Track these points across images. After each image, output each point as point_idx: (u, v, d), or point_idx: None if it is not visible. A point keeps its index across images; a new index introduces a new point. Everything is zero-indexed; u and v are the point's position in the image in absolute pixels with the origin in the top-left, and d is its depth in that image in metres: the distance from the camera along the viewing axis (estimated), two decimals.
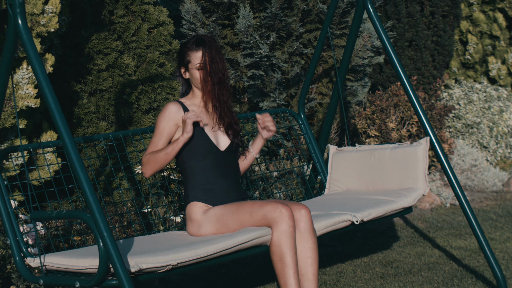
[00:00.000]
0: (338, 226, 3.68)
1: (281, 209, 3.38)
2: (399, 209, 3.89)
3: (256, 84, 5.91)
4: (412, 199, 3.93)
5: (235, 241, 3.31)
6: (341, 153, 4.35)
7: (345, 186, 4.28)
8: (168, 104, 3.64)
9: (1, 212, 3.39)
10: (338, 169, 4.32)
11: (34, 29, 3.98)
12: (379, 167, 4.14)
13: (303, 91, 4.62)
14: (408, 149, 4.06)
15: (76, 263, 3.14)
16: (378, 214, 3.79)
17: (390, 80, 7.31)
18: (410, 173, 4.03)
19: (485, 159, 6.91)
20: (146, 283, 4.15)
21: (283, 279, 3.34)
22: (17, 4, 3.02)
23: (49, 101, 2.98)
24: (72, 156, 2.93)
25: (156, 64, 4.81)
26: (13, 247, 3.37)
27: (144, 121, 4.75)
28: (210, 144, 3.62)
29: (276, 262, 3.36)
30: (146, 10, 4.81)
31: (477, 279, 4.12)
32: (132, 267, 2.98)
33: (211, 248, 3.23)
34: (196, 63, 3.63)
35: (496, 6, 7.91)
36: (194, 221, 3.55)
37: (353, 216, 3.69)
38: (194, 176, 3.61)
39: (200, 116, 3.58)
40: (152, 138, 3.63)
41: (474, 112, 7.21)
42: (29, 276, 3.30)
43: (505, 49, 7.92)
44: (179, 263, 3.11)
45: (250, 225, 3.45)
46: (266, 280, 4.28)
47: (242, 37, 5.75)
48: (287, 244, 3.35)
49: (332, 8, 4.36)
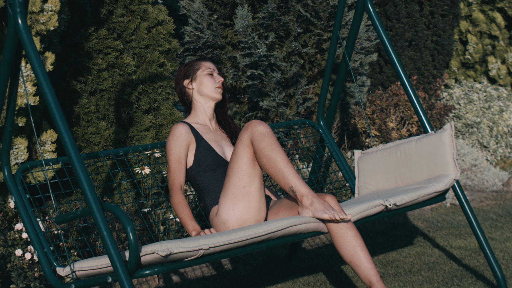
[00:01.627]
0: (371, 212, 3.58)
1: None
2: (432, 193, 3.80)
3: (255, 84, 5.91)
4: (444, 184, 3.86)
5: (267, 227, 3.22)
6: (366, 155, 4.29)
7: (374, 187, 4.21)
8: (175, 127, 3.63)
9: (26, 226, 3.39)
10: (365, 172, 4.25)
11: (33, 28, 3.98)
12: (406, 161, 4.08)
13: (320, 100, 4.54)
14: (433, 137, 4.01)
15: (105, 261, 3.12)
16: (411, 199, 3.71)
17: (390, 80, 7.31)
18: (438, 160, 3.96)
19: (485, 159, 6.91)
20: (147, 283, 4.15)
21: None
22: (17, 4, 3.02)
23: (49, 100, 2.97)
24: (72, 156, 2.93)
25: (156, 64, 4.81)
26: (41, 259, 3.36)
27: (144, 121, 4.75)
28: (218, 158, 3.63)
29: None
30: (145, 9, 4.80)
31: (477, 279, 4.12)
32: (162, 251, 2.92)
33: (243, 233, 3.15)
34: (207, 68, 3.70)
35: (495, 5, 7.91)
36: (219, 222, 3.49)
37: (386, 200, 3.63)
38: (208, 188, 3.60)
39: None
40: (171, 164, 3.60)
41: (474, 111, 7.21)
42: (60, 285, 3.29)
43: (505, 48, 7.92)
44: (210, 247, 3.03)
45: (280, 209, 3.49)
46: (266, 280, 4.28)
47: (241, 37, 5.76)
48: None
49: (340, 11, 4.33)
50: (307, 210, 3.33)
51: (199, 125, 3.71)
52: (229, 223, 3.44)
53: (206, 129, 3.72)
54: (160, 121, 4.84)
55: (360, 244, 3.33)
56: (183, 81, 3.74)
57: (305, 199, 3.33)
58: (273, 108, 5.99)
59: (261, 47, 5.71)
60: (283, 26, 5.84)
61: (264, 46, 5.72)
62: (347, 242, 3.33)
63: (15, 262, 3.76)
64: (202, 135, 3.66)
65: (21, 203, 3.42)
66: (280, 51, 5.92)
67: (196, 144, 3.62)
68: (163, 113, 4.84)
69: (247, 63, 5.83)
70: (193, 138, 3.63)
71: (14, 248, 3.78)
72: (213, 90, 3.70)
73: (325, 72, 4.46)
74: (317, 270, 4.40)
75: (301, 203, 3.34)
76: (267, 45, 5.82)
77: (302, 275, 4.30)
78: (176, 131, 3.62)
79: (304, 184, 3.35)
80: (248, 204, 3.43)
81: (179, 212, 3.52)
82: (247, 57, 5.82)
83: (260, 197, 3.45)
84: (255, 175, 3.42)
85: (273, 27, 5.80)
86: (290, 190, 3.35)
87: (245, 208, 3.43)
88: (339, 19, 4.34)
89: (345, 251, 3.33)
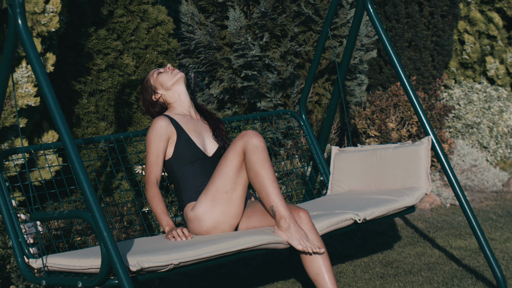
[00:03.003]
0: (340, 225, 3.67)
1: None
2: (402, 208, 3.88)
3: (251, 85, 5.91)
4: (415, 198, 3.92)
5: (239, 242, 3.30)
6: (343, 153, 4.34)
7: (347, 186, 4.27)
8: (156, 120, 3.63)
9: (3, 213, 3.39)
10: (340, 170, 4.31)
11: (34, 29, 3.98)
12: (382, 167, 4.13)
13: (304, 91, 4.61)
14: (410, 148, 4.05)
15: (78, 263, 3.13)
16: (381, 213, 3.78)
17: (390, 80, 7.31)
18: (412, 172, 4.02)
19: (485, 159, 6.90)
20: (146, 283, 4.15)
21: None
22: (17, 4, 3.02)
23: (49, 101, 2.97)
24: (72, 156, 2.92)
25: (155, 64, 4.81)
26: (15, 248, 3.36)
27: (143, 121, 4.75)
28: (198, 151, 3.64)
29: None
30: (145, 9, 4.80)
31: (477, 279, 4.12)
32: (133, 266, 2.97)
33: (213, 248, 3.21)
34: (154, 73, 3.77)
35: (494, 6, 7.91)
36: (193, 218, 3.53)
37: (356, 215, 3.68)
38: (186, 182, 3.62)
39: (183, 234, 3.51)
40: (149, 158, 3.61)
41: (474, 112, 7.21)
42: (31, 277, 3.30)
43: (504, 48, 7.92)
44: (180, 262, 3.10)
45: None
46: (266, 280, 4.28)
47: (234, 39, 5.76)
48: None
49: (332, 9, 4.36)
50: (283, 233, 3.42)
51: (179, 116, 3.73)
52: (204, 223, 3.49)
53: (187, 118, 3.73)
54: None
55: (326, 264, 3.42)
56: (151, 99, 3.80)
57: (283, 221, 3.41)
58: (270, 109, 5.99)
59: (254, 48, 5.72)
60: (279, 26, 5.83)
61: (257, 47, 5.72)
62: (314, 260, 3.42)
63: (14, 264, 3.76)
64: (182, 125, 3.67)
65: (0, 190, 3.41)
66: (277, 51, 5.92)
67: (177, 137, 3.64)
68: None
69: (241, 64, 5.83)
70: (174, 131, 3.64)
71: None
72: (170, 77, 3.74)
73: (311, 67, 4.52)
74: None
75: (279, 224, 3.42)
76: (261, 46, 5.82)
77: (302, 275, 4.30)
78: (156, 124, 3.63)
79: (285, 205, 3.42)
80: (227, 209, 3.48)
81: (154, 206, 3.55)
82: (241, 58, 5.82)
83: (240, 204, 3.51)
84: (239, 183, 3.48)
85: (268, 27, 5.79)
86: (270, 209, 3.43)
87: (223, 212, 3.48)
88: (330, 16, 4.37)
89: (310, 269, 3.42)
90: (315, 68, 4.54)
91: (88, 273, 3.13)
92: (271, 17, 5.73)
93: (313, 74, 4.56)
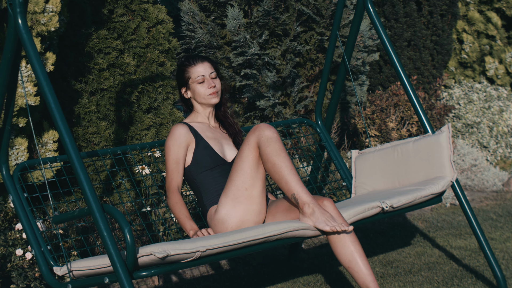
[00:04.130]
0: (367, 214, 3.58)
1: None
2: (428, 195, 3.80)
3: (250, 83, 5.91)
4: (441, 186, 3.86)
5: (265, 230, 3.22)
6: (363, 155, 4.30)
7: (371, 187, 4.22)
8: (175, 128, 3.62)
9: (24, 224, 3.38)
10: (363, 172, 4.25)
11: (34, 28, 3.98)
12: (404, 161, 4.08)
13: (319, 98, 4.53)
14: (430, 138, 4.00)
15: (102, 262, 3.12)
16: (408, 201, 3.71)
17: (389, 80, 7.31)
18: (435, 162, 3.96)
19: (485, 159, 6.90)
20: (147, 283, 4.15)
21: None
22: (17, 4, 3.02)
23: (49, 100, 2.97)
24: (73, 156, 2.92)
25: (156, 63, 4.81)
26: (38, 258, 3.35)
27: (144, 120, 4.75)
28: (217, 157, 3.62)
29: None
30: (146, 9, 4.81)
31: (477, 279, 4.12)
32: (159, 253, 2.92)
33: (240, 235, 3.15)
34: (197, 77, 3.66)
35: (493, 5, 7.91)
36: (217, 221, 3.48)
37: (383, 202, 3.62)
38: (206, 187, 3.60)
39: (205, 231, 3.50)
40: (169, 165, 3.59)
41: (474, 112, 7.21)
42: (56, 285, 3.28)
43: (503, 48, 7.92)
44: (207, 249, 3.04)
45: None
46: (266, 280, 4.28)
47: (233, 37, 5.76)
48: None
49: (339, 11, 4.33)
50: (308, 219, 3.34)
51: (198, 124, 3.71)
52: (228, 224, 3.44)
53: (205, 126, 3.72)
54: (160, 121, 4.84)
55: (358, 250, 3.35)
56: (180, 88, 3.75)
57: (307, 207, 3.34)
58: (269, 107, 5.99)
59: (253, 46, 5.71)
60: (280, 25, 5.83)
61: (256, 45, 5.72)
62: (345, 247, 3.34)
63: (15, 262, 3.76)
64: (201, 133, 3.66)
65: (18, 201, 3.41)
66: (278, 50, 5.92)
67: (196, 144, 3.62)
68: (163, 113, 4.84)
69: (240, 62, 5.83)
70: (193, 138, 3.63)
71: (14, 248, 3.78)
72: (206, 98, 3.69)
73: (323, 71, 4.47)
74: (317, 270, 4.40)
75: (303, 211, 3.35)
76: (260, 44, 5.82)
77: (302, 275, 4.30)
78: (175, 132, 3.61)
79: (306, 191, 3.36)
80: (249, 206, 3.43)
81: (176, 212, 3.52)
82: (240, 56, 5.82)
83: (261, 200, 3.46)
84: (258, 178, 3.43)
85: (270, 26, 5.79)
86: (292, 197, 3.36)
87: (246, 210, 3.43)
88: (338, 18, 4.34)
89: (343, 256, 3.35)
90: (327, 72, 4.48)
91: (112, 271, 3.11)
92: (274, 16, 5.73)
93: (326, 79, 4.50)
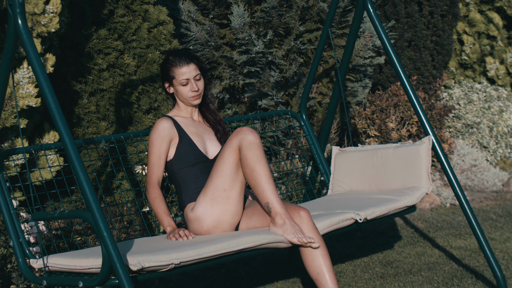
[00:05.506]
0: (341, 225, 3.67)
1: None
2: (403, 207, 3.87)
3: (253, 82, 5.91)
4: (416, 197, 3.91)
5: (239, 242, 3.30)
6: (344, 153, 4.34)
7: (348, 186, 4.27)
8: (159, 122, 3.64)
9: (4, 213, 3.39)
10: (341, 170, 4.30)
11: (35, 29, 3.98)
12: (382, 166, 4.13)
13: (305, 91, 4.61)
14: (410, 148, 4.05)
15: (79, 263, 3.14)
16: (382, 213, 3.78)
17: (390, 80, 7.31)
18: (413, 172, 4.02)
19: (485, 159, 6.91)
20: (146, 283, 4.15)
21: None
22: (17, 4, 3.02)
23: (49, 101, 2.98)
24: (72, 156, 2.93)
25: (157, 64, 4.82)
26: (16, 248, 3.36)
27: (144, 121, 4.75)
28: (199, 153, 3.65)
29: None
30: (147, 9, 4.81)
31: (477, 279, 4.12)
32: (134, 266, 2.98)
33: (214, 247, 3.22)
34: (181, 79, 3.66)
35: (494, 5, 7.91)
36: (193, 219, 3.53)
37: (357, 214, 3.68)
38: (186, 183, 3.63)
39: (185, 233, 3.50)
40: (151, 159, 3.62)
41: (474, 112, 7.21)
42: (32, 277, 3.30)
43: (504, 49, 7.92)
44: (181, 262, 3.11)
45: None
46: (266, 280, 4.28)
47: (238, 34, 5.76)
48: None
49: (333, 7, 4.36)
50: (278, 229, 3.43)
51: (182, 118, 3.73)
52: (204, 222, 3.50)
53: (189, 121, 3.73)
54: None
55: (327, 263, 3.43)
56: (163, 81, 3.75)
57: (279, 218, 3.42)
58: (271, 107, 5.99)
59: (258, 44, 5.71)
60: (283, 24, 5.83)
61: (261, 43, 5.72)
62: (315, 259, 3.43)
63: (15, 263, 3.76)
64: (184, 128, 3.68)
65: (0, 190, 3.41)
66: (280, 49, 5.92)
67: (179, 139, 3.65)
68: (163, 113, 4.85)
69: (244, 60, 5.83)
70: (176, 133, 3.65)
71: None
72: (188, 99, 3.69)
73: (312, 67, 4.53)
74: None
75: (274, 220, 3.43)
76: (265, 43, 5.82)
77: (302, 275, 4.30)
78: (159, 126, 3.63)
79: (280, 202, 3.43)
80: (226, 207, 3.49)
81: (155, 207, 3.56)
82: (244, 54, 5.82)
83: (239, 202, 3.52)
84: (237, 180, 3.49)
85: (273, 24, 5.79)
86: (266, 205, 3.44)
87: (222, 211, 3.49)
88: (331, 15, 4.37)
89: (311, 269, 3.44)
90: (315, 68, 4.54)
91: (89, 273, 3.14)
92: (278, 13, 5.72)
93: (313, 74, 4.56)
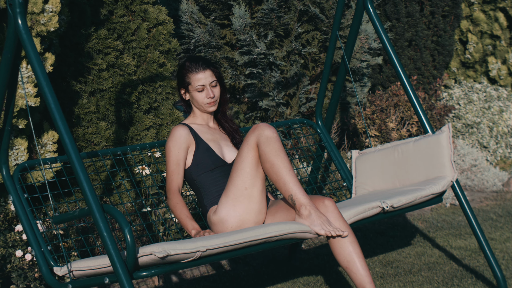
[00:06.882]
0: (367, 214, 3.59)
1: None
2: (429, 195, 3.80)
3: (254, 83, 5.91)
4: (441, 186, 3.86)
5: (266, 231, 3.23)
6: (364, 155, 4.29)
7: (372, 187, 4.21)
8: (175, 129, 3.62)
9: (24, 225, 3.38)
10: (363, 172, 4.25)
11: (34, 28, 3.98)
12: (404, 161, 4.07)
13: (319, 99, 4.54)
14: (431, 138, 4.00)
15: (102, 262, 3.12)
16: (408, 201, 3.71)
17: (390, 80, 7.31)
18: (436, 161, 3.96)
19: (485, 159, 6.90)
20: (146, 283, 4.15)
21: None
22: (17, 4, 3.02)
23: (49, 101, 2.98)
24: (72, 156, 2.93)
25: (156, 64, 4.81)
26: (39, 258, 3.35)
27: (144, 121, 4.75)
28: (217, 158, 3.63)
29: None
30: (146, 9, 4.81)
31: (477, 279, 4.12)
32: (159, 253, 2.93)
33: (241, 235, 3.15)
34: (197, 85, 3.65)
35: (497, 5, 7.91)
36: (217, 221, 3.49)
37: (383, 202, 3.62)
38: (206, 188, 3.60)
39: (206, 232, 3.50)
40: (169, 166, 3.60)
41: (474, 112, 7.21)
42: (57, 285, 3.29)
43: (506, 49, 7.92)
44: (207, 249, 3.04)
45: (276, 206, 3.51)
46: (266, 280, 4.28)
47: (239, 35, 5.76)
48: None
49: (339, 11, 4.33)
50: (304, 220, 3.35)
51: (197, 125, 3.72)
52: (228, 223, 3.45)
53: (205, 128, 3.72)
54: (160, 121, 4.84)
55: (357, 251, 3.35)
56: (179, 88, 3.74)
57: (303, 209, 3.35)
58: (272, 108, 5.99)
59: (260, 45, 5.71)
60: (283, 25, 5.83)
61: (263, 45, 5.72)
62: (344, 248, 3.34)
63: (15, 263, 3.76)
64: (201, 135, 3.66)
65: (19, 202, 3.41)
66: (280, 50, 5.92)
67: (196, 146, 3.63)
68: (163, 113, 4.85)
69: (246, 61, 5.83)
70: (193, 140, 3.63)
71: (14, 249, 3.78)
72: (204, 106, 3.68)
73: (324, 72, 4.47)
74: (317, 271, 4.40)
75: (299, 212, 3.36)
76: (266, 44, 5.82)
77: (302, 275, 4.30)
78: (176, 133, 3.62)
79: (303, 193, 3.36)
80: (249, 206, 3.44)
81: (178, 213, 3.52)
82: (246, 55, 5.82)
83: (261, 199, 3.46)
84: (258, 177, 3.43)
85: (272, 25, 5.79)
86: (289, 198, 3.37)
87: (246, 210, 3.44)
88: (338, 18, 4.34)
89: (341, 257, 3.35)
90: (327, 73, 4.48)
91: (112, 271, 3.11)
92: (277, 15, 5.72)
93: (326, 80, 4.49)
